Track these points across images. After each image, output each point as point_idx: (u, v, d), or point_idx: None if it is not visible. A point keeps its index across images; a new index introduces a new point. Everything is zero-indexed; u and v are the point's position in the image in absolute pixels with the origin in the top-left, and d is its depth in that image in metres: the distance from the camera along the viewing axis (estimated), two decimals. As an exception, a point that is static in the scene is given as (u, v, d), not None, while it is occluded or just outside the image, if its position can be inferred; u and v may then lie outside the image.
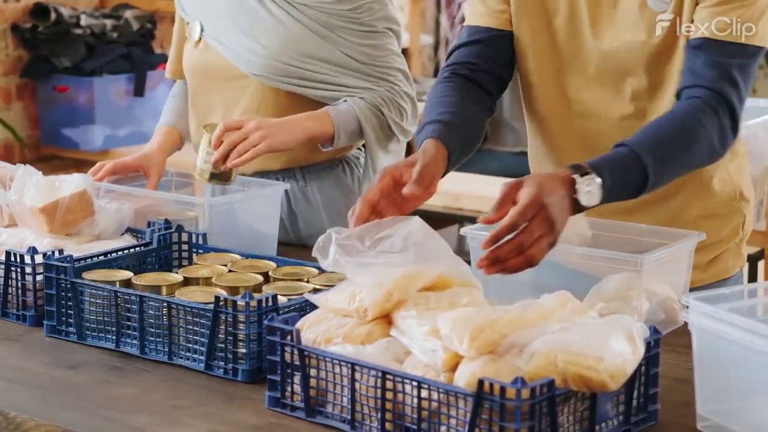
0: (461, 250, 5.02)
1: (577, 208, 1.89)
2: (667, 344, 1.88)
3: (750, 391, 1.64)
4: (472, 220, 4.37)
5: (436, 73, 6.87)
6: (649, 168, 1.93)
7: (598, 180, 1.88)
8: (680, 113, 2.03)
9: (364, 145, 2.73)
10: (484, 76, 2.22)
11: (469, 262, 1.87)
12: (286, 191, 2.65)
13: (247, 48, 2.67)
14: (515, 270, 1.84)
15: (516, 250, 1.82)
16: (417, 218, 1.85)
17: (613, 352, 1.57)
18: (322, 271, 2.16)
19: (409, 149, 3.06)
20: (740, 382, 1.64)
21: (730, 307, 1.67)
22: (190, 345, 1.95)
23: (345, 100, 2.65)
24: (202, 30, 2.74)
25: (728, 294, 1.73)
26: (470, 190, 4.65)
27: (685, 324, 1.71)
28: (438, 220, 5.11)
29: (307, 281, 2.13)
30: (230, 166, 2.46)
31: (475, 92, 2.20)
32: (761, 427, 1.62)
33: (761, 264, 3.97)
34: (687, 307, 1.68)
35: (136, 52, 5.39)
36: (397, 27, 2.75)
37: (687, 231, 2.10)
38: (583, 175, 1.88)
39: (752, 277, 4.14)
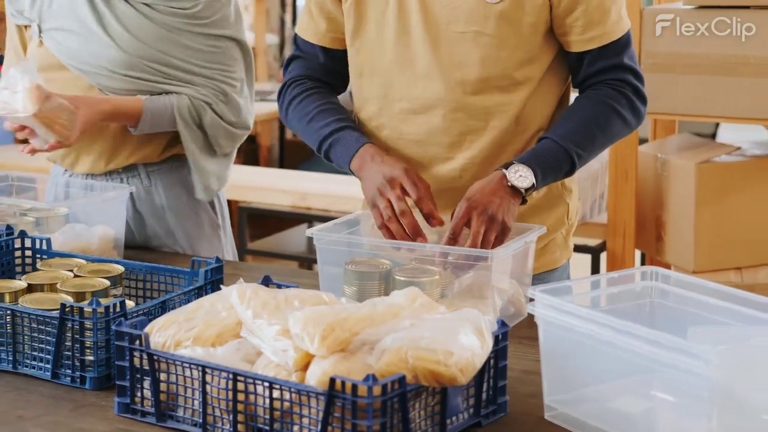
0: (310, 249, 5.02)
1: (516, 192, 2.10)
2: (514, 337, 1.92)
3: (592, 380, 1.68)
4: (321, 219, 4.38)
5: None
6: (571, 151, 2.15)
7: (524, 166, 2.10)
8: (592, 98, 2.22)
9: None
10: (324, 84, 2.40)
11: (316, 261, 1.87)
12: (130, 192, 2.61)
13: (87, 55, 2.63)
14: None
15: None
16: None
17: (462, 346, 1.59)
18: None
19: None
20: (583, 372, 1.68)
21: (574, 299, 1.71)
22: (35, 353, 1.91)
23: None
24: (40, 32, 2.68)
25: (572, 286, 1.77)
26: (318, 189, 4.65)
27: (532, 316, 1.74)
28: (285, 220, 5.10)
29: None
30: None
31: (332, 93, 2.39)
32: (602, 413, 1.66)
33: (603, 255, 4.07)
34: (532, 299, 1.71)
35: (-26, 54, 5.25)
36: (242, 38, 2.74)
37: (528, 224, 2.15)
38: (507, 167, 2.11)
39: (595, 269, 4.24)
